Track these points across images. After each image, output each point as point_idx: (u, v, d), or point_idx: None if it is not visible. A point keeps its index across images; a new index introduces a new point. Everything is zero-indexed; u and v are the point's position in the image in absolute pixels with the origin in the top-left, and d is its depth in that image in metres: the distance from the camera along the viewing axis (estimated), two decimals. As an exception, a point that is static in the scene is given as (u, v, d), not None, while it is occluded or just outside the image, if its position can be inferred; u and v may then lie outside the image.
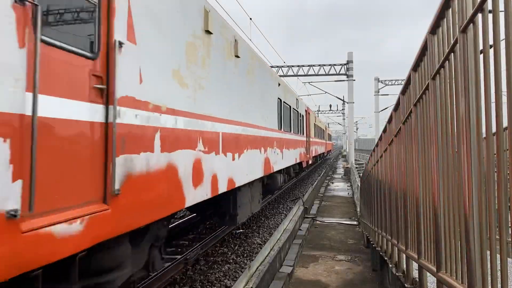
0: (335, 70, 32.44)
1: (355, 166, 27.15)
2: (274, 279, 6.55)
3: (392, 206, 4.77)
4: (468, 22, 2.03)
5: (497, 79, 1.74)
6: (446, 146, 2.51)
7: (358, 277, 7.15)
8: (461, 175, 2.13)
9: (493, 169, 1.96)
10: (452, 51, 2.31)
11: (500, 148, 2.06)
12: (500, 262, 1.74)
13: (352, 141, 35.78)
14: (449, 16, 2.43)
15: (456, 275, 2.33)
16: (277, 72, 33.18)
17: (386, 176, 5.36)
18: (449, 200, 2.47)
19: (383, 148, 5.58)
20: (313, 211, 13.84)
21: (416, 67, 3.33)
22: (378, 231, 6.36)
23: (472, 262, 1.98)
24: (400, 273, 4.31)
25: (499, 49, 1.71)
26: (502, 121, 1.76)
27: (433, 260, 2.84)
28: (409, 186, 3.77)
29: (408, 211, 3.82)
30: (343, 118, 71.67)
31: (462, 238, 2.18)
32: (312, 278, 7.09)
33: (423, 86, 3.03)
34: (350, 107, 33.67)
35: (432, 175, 2.82)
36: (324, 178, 26.90)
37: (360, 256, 8.53)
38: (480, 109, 1.95)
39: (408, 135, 3.76)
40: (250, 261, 6.93)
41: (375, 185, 6.81)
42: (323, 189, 20.99)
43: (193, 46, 4.79)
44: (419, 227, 3.28)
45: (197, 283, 6.39)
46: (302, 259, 8.30)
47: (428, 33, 2.77)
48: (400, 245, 4.26)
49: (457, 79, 2.22)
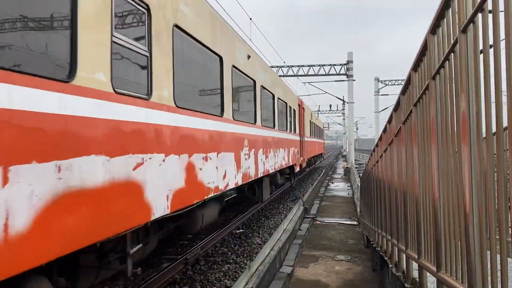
0: (335, 70, 32.45)
1: (355, 166, 27.14)
2: (274, 279, 6.55)
3: (392, 206, 4.77)
4: (468, 22, 2.03)
5: (497, 79, 1.74)
6: (446, 146, 2.51)
7: (358, 277, 7.15)
8: (461, 175, 2.13)
9: (493, 169, 1.96)
10: (452, 51, 2.31)
11: (500, 148, 2.06)
12: (500, 262, 1.74)
13: (352, 141, 35.76)
14: (449, 16, 2.43)
15: (456, 275, 2.33)
16: (277, 72, 33.15)
17: (386, 176, 5.36)
18: (449, 200, 2.47)
19: (383, 148, 5.58)
20: (313, 211, 13.83)
21: (416, 67, 3.33)
22: (378, 231, 6.36)
23: (472, 262, 1.98)
24: (400, 273, 4.31)
25: (499, 49, 1.71)
26: (502, 121, 1.76)
27: (433, 260, 2.84)
28: (409, 186, 3.77)
29: (408, 211, 3.82)
30: (343, 118, 71.66)
31: (462, 238, 2.18)
32: (312, 278, 7.09)
33: (423, 86, 3.03)
34: (350, 107, 33.67)
35: (432, 175, 2.82)
36: (324, 178, 26.89)
37: (360, 256, 8.52)
38: (480, 109, 1.95)
39: (408, 135, 3.75)
40: (250, 261, 6.93)
41: (375, 185, 6.81)
42: (323, 189, 20.99)
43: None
44: (419, 227, 3.28)
45: (197, 283, 6.39)
46: (302, 259, 8.30)
47: (428, 33, 2.77)
48: (400, 245, 4.26)
49: (457, 79, 2.22)
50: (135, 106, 3.81)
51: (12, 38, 2.56)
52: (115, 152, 3.44)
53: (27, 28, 2.68)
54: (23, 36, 2.64)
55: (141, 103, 3.92)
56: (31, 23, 2.72)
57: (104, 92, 3.33)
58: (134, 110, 3.78)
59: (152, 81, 4.18)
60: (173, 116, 4.60)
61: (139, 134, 3.84)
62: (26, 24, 2.67)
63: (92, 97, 3.16)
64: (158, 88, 4.30)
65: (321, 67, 32.85)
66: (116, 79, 3.55)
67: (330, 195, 19.10)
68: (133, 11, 3.94)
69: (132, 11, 3.92)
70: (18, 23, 2.62)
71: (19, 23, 2.62)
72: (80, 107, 3.01)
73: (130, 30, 3.90)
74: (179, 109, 4.77)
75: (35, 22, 2.75)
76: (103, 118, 3.29)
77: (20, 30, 2.63)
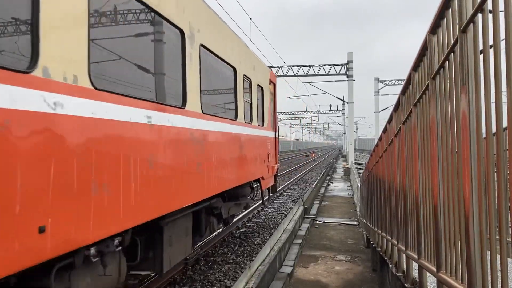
0: (335, 70, 32.48)
1: (355, 166, 27.14)
2: (274, 279, 6.55)
3: (392, 206, 4.77)
4: (468, 22, 2.03)
5: (497, 79, 1.74)
6: (446, 146, 2.51)
7: (358, 277, 7.15)
8: (461, 175, 2.13)
9: (493, 169, 1.96)
10: (452, 51, 2.31)
11: (500, 148, 2.07)
12: (500, 262, 1.74)
13: (352, 141, 35.79)
14: (449, 16, 2.43)
15: (456, 275, 2.33)
16: (277, 72, 33.14)
17: (386, 176, 5.36)
18: (449, 200, 2.47)
19: (383, 148, 5.58)
20: (313, 211, 13.84)
21: (416, 67, 3.33)
22: (378, 231, 6.36)
23: (472, 262, 1.98)
24: (400, 273, 4.31)
25: (499, 49, 1.71)
26: (502, 121, 1.76)
27: (433, 260, 2.84)
28: (409, 186, 3.77)
29: (408, 211, 3.82)
30: (343, 118, 71.67)
31: (462, 238, 2.18)
32: (312, 278, 7.09)
33: (423, 86, 3.03)
34: (350, 107, 33.69)
35: (432, 175, 2.82)
36: (324, 178, 26.90)
37: (360, 256, 8.53)
38: (480, 109, 1.95)
39: (408, 135, 3.75)
40: (250, 261, 6.93)
41: (375, 185, 6.81)
42: (323, 189, 20.99)
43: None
44: (419, 227, 3.28)
45: (197, 283, 6.39)
46: (302, 259, 8.30)
47: (428, 33, 2.77)
48: (400, 245, 4.26)
49: (457, 79, 2.22)
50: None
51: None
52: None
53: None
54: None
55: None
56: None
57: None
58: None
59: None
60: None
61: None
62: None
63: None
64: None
65: (321, 67, 32.88)
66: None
67: (330, 195, 19.11)
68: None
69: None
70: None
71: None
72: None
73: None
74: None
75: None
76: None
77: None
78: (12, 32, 2.60)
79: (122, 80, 3.77)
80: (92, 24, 3.22)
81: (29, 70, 2.53)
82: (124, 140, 3.56)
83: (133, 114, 3.69)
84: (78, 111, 2.92)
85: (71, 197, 2.83)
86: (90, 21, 3.13)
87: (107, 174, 3.25)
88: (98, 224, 3.12)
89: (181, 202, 4.79)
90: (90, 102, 3.06)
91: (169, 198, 4.40)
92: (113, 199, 3.34)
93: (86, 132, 3.03)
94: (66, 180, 2.79)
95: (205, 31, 5.63)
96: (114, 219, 3.36)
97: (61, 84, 2.77)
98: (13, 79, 2.41)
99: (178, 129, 4.67)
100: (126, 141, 3.59)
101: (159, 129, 4.18)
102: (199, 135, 5.31)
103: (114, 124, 3.41)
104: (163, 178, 4.25)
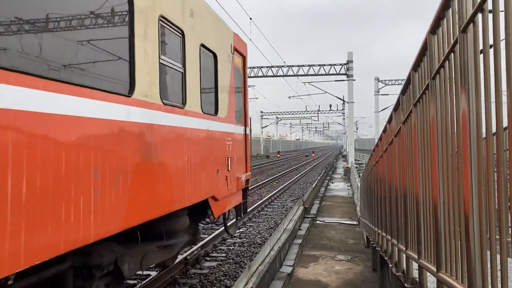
0: (335, 70, 32.47)
1: (355, 166, 27.14)
2: (274, 279, 6.55)
3: (392, 206, 4.77)
4: (468, 22, 2.03)
5: (497, 79, 1.74)
6: (446, 146, 2.51)
7: (358, 277, 7.15)
8: (461, 175, 2.13)
9: (493, 169, 1.96)
10: (452, 51, 2.31)
11: (500, 148, 2.06)
12: (500, 262, 1.74)
13: (352, 141, 35.79)
14: (449, 16, 2.43)
15: (456, 275, 2.33)
16: (277, 72, 33.13)
17: (386, 176, 5.36)
18: (449, 200, 2.47)
19: (383, 148, 5.58)
20: (313, 211, 13.84)
21: (416, 67, 3.33)
22: (378, 231, 6.36)
23: (472, 262, 1.98)
24: (400, 273, 4.31)
25: (499, 49, 1.71)
26: (502, 121, 1.76)
27: (433, 260, 2.84)
28: (409, 186, 3.77)
29: (408, 211, 3.82)
30: (343, 118, 71.66)
31: (462, 238, 2.18)
32: (312, 278, 7.10)
33: (423, 86, 3.03)
34: (350, 107, 33.69)
35: (432, 174, 2.82)
36: (324, 178, 26.91)
37: (360, 256, 8.53)
38: (480, 109, 1.95)
39: (408, 135, 3.75)
40: (250, 261, 6.93)
41: (375, 185, 6.81)
42: (323, 189, 21.00)
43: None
44: (419, 227, 3.28)
45: (197, 283, 6.39)
46: (302, 259, 8.30)
47: (428, 33, 2.77)
48: (400, 245, 4.26)
49: (457, 79, 2.22)
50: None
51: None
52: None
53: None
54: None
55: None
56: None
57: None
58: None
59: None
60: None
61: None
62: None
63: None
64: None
65: (321, 67, 32.87)
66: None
67: (330, 195, 19.11)
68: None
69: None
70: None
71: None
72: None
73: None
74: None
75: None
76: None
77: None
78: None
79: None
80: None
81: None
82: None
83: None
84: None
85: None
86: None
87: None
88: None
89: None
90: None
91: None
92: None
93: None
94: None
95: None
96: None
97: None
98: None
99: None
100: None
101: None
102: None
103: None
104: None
